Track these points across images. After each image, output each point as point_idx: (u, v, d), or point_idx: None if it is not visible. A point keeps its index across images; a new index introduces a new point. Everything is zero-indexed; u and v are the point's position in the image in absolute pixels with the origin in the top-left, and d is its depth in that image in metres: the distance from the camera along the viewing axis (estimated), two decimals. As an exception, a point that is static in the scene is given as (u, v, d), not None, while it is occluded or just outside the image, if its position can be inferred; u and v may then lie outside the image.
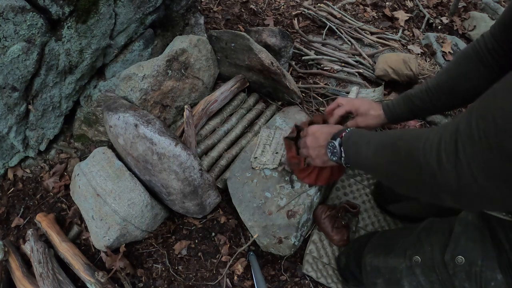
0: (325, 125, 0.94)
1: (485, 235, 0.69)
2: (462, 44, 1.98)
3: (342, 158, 0.81)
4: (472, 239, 0.70)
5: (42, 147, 1.43)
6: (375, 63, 1.71)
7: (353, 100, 1.04)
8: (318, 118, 1.09)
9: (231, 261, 1.18)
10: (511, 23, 0.75)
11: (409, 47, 1.91)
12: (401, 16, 2.11)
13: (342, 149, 0.81)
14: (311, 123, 1.06)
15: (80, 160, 1.43)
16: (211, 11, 1.94)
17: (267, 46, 1.52)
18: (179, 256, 1.22)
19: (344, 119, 1.08)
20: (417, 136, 0.59)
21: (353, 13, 2.10)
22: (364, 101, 1.02)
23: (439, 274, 0.73)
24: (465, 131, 0.49)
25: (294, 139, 1.07)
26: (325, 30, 1.90)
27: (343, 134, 0.82)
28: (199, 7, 1.67)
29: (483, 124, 0.46)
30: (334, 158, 0.84)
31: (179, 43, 1.35)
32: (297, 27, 1.89)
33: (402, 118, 0.99)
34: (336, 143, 0.82)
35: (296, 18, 1.99)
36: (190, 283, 1.17)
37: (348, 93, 1.57)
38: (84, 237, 1.27)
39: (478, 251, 0.68)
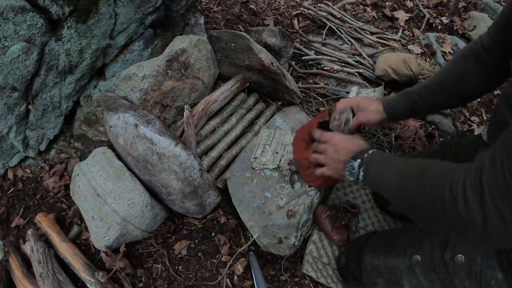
0: (349, 139, 0.89)
1: None
2: (462, 44, 1.98)
3: (359, 180, 0.79)
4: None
5: (42, 147, 1.43)
6: (375, 63, 1.71)
7: (353, 97, 1.04)
8: (324, 115, 1.06)
9: (231, 261, 1.18)
10: (507, 24, 0.76)
11: (409, 47, 1.91)
12: (401, 16, 2.11)
13: (361, 171, 0.78)
14: (322, 123, 1.04)
15: (80, 160, 1.43)
16: (211, 11, 1.94)
17: (267, 46, 1.53)
18: (179, 256, 1.22)
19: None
20: (443, 172, 0.58)
21: (353, 13, 2.10)
22: (363, 98, 1.02)
23: (439, 273, 0.73)
24: (490, 169, 0.49)
25: (311, 140, 1.03)
26: (325, 30, 1.90)
27: (365, 155, 0.79)
28: (199, 7, 1.67)
29: (508, 161, 0.47)
30: (351, 178, 0.81)
31: (179, 43, 1.35)
32: (297, 27, 1.89)
33: (401, 114, 0.99)
34: (356, 164, 0.79)
35: (296, 18, 1.99)
36: (190, 283, 1.17)
37: (348, 93, 1.57)
38: (84, 237, 1.27)
39: (478, 250, 0.68)
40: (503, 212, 0.47)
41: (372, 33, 1.93)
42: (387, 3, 2.20)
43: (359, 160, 0.78)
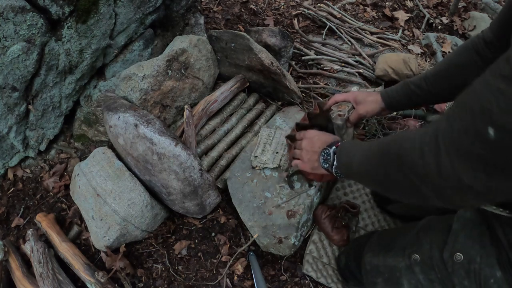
0: (324, 133, 0.94)
1: (484, 232, 0.69)
2: (462, 44, 1.98)
3: (334, 166, 0.82)
4: (471, 236, 0.70)
5: (42, 147, 1.43)
6: (375, 63, 1.71)
7: (349, 92, 1.06)
8: (314, 110, 1.09)
9: (231, 261, 1.18)
10: (507, 19, 0.76)
11: (409, 47, 1.91)
12: (401, 16, 2.11)
13: (335, 157, 0.82)
14: (309, 116, 1.07)
15: (80, 160, 1.43)
16: (211, 11, 1.94)
17: (267, 46, 1.53)
18: (179, 256, 1.22)
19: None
20: (406, 136, 0.60)
21: (353, 13, 2.10)
22: (360, 92, 1.05)
23: (438, 272, 0.73)
24: (445, 123, 0.51)
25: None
26: (325, 30, 1.90)
27: (339, 143, 0.83)
28: (199, 7, 1.67)
29: (461, 113, 0.48)
30: (325, 165, 0.85)
31: (179, 43, 1.35)
32: (297, 27, 1.89)
33: (400, 104, 1.00)
34: (331, 150, 0.83)
35: (296, 18, 1.99)
36: (190, 283, 1.17)
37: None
38: (84, 237, 1.27)
39: (476, 248, 0.68)
40: (455, 162, 0.48)
41: (372, 33, 1.93)
42: (387, 3, 2.20)
43: (334, 147, 0.83)
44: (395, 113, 1.51)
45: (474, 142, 0.45)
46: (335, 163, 0.82)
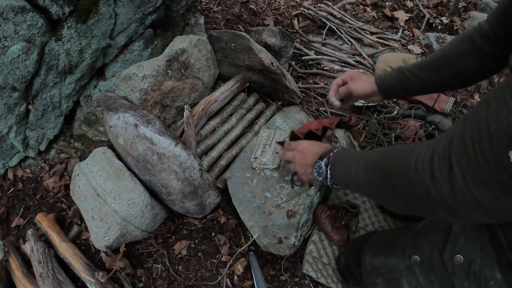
0: (315, 143, 0.92)
1: (484, 233, 0.69)
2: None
3: (328, 179, 0.80)
4: (471, 238, 0.70)
5: (42, 147, 1.43)
6: (375, 63, 1.71)
7: (349, 70, 1.07)
8: (308, 126, 1.08)
9: (231, 261, 1.18)
10: (504, 12, 0.77)
11: (409, 47, 1.91)
12: (401, 16, 2.11)
13: (328, 170, 0.79)
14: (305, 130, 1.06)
15: (80, 160, 1.43)
16: (211, 11, 1.94)
17: (267, 46, 1.53)
18: (179, 256, 1.22)
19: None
20: (408, 151, 0.57)
21: (353, 13, 2.10)
22: (358, 71, 1.06)
23: (438, 273, 0.73)
24: (459, 143, 0.48)
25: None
26: (325, 30, 1.90)
27: (331, 154, 0.81)
28: (199, 7, 1.67)
29: (477, 135, 0.45)
30: (319, 179, 0.83)
31: (179, 43, 1.35)
32: (297, 27, 1.89)
33: (393, 90, 0.99)
34: (323, 163, 0.80)
35: (296, 18, 1.99)
36: (190, 283, 1.17)
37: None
38: (84, 237, 1.27)
39: (477, 250, 0.68)
40: (472, 186, 0.47)
41: (372, 33, 1.93)
42: (387, 3, 2.20)
43: (325, 159, 0.80)
44: (395, 113, 1.51)
45: (494, 168, 0.43)
46: (328, 175, 0.79)
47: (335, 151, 0.81)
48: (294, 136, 1.07)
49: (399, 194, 0.59)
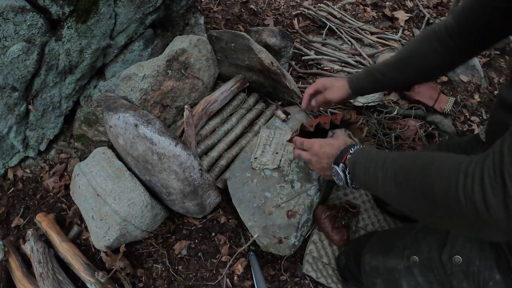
0: (327, 143, 0.86)
1: None
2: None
3: (349, 184, 0.76)
4: (470, 238, 0.70)
5: (42, 147, 1.43)
6: (375, 63, 1.71)
7: (319, 79, 1.12)
8: (312, 123, 1.08)
9: (231, 261, 1.18)
10: (470, 7, 0.78)
11: (409, 47, 1.91)
12: (401, 16, 2.11)
13: (348, 175, 0.75)
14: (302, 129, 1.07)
15: (80, 160, 1.43)
16: (211, 11, 1.94)
17: (267, 46, 1.53)
18: (179, 256, 1.22)
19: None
20: (453, 168, 0.51)
21: (353, 13, 2.10)
22: (328, 78, 1.11)
23: (437, 274, 0.73)
24: (511, 159, 0.44)
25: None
26: (325, 30, 1.90)
27: (347, 156, 0.76)
28: (199, 7, 1.67)
29: None
30: (340, 183, 0.79)
31: (179, 43, 1.35)
32: (297, 27, 1.89)
33: (365, 90, 1.05)
34: (339, 169, 0.76)
35: (296, 18, 1.99)
36: (190, 283, 1.18)
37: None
38: (84, 237, 1.27)
39: (475, 251, 0.68)
40: None
41: (372, 33, 1.93)
42: (387, 3, 2.20)
43: (341, 165, 0.76)
44: (395, 113, 1.51)
45: None
46: (348, 180, 0.76)
47: (350, 151, 0.77)
48: (302, 130, 1.07)
49: (442, 212, 0.53)
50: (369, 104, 1.53)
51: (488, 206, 0.45)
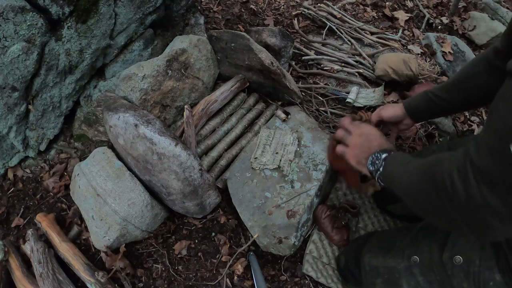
0: (382, 135, 0.89)
1: None
2: (462, 44, 1.98)
3: (378, 172, 0.80)
4: (470, 239, 0.70)
5: (42, 147, 1.43)
6: (375, 63, 1.71)
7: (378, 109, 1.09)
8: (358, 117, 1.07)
9: (231, 261, 1.18)
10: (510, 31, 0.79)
11: (409, 47, 1.91)
12: (401, 16, 2.11)
13: (383, 163, 0.79)
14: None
15: (80, 160, 1.43)
16: (211, 11, 1.94)
17: (267, 46, 1.52)
18: (179, 256, 1.22)
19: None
20: (442, 159, 0.60)
21: (353, 13, 2.10)
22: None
23: (437, 274, 0.73)
24: (473, 146, 0.52)
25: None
26: (325, 30, 1.90)
27: (392, 152, 0.81)
28: (199, 7, 1.67)
29: (487, 136, 0.49)
30: (371, 168, 0.82)
31: (179, 43, 1.35)
32: (297, 27, 1.89)
33: (419, 111, 1.01)
34: (383, 156, 0.80)
35: (296, 18, 1.99)
36: (190, 283, 1.18)
37: (348, 93, 1.57)
38: (84, 237, 1.27)
39: (476, 251, 0.68)
40: (482, 185, 0.49)
41: (372, 33, 1.93)
42: (387, 3, 2.20)
43: (386, 154, 0.80)
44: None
45: (498, 162, 0.46)
46: (380, 169, 0.79)
47: (396, 152, 0.82)
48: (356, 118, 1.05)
49: (430, 199, 0.61)
50: (371, 105, 1.53)
51: (453, 184, 0.54)
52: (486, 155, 0.49)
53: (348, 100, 1.54)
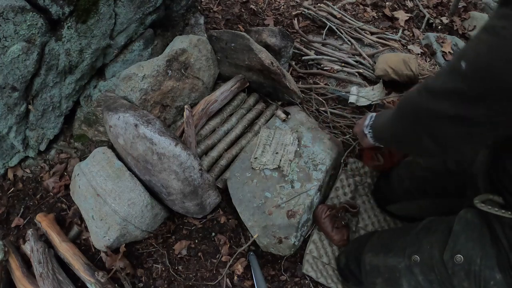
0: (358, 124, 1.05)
1: (484, 233, 0.69)
2: (462, 44, 1.98)
3: (369, 125, 0.94)
4: (471, 238, 0.70)
5: (42, 147, 1.43)
6: (375, 63, 1.71)
7: None
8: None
9: (231, 261, 1.18)
10: None
11: (409, 47, 1.91)
12: (401, 16, 2.11)
13: (371, 119, 0.95)
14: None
15: (80, 160, 1.43)
16: (211, 11, 1.94)
17: (267, 46, 1.52)
18: (179, 256, 1.22)
19: None
20: (407, 94, 0.73)
21: (353, 13, 2.10)
22: None
23: (438, 273, 0.73)
24: (431, 77, 0.65)
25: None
26: (325, 30, 1.90)
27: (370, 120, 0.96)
28: (199, 7, 1.67)
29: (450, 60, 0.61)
30: (365, 123, 0.96)
31: (179, 43, 1.35)
32: (297, 27, 1.89)
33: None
34: (373, 115, 0.96)
35: (296, 18, 1.99)
36: (190, 283, 1.17)
37: (348, 93, 1.57)
38: (84, 237, 1.27)
39: (477, 250, 0.68)
40: (423, 93, 0.65)
41: (372, 33, 1.93)
42: (387, 3, 2.20)
43: (373, 114, 0.97)
44: None
45: (451, 77, 0.58)
46: (371, 122, 0.94)
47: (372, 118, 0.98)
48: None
49: (407, 125, 0.72)
50: (372, 103, 1.53)
51: (421, 103, 0.66)
52: (439, 73, 0.62)
53: (351, 101, 1.54)
